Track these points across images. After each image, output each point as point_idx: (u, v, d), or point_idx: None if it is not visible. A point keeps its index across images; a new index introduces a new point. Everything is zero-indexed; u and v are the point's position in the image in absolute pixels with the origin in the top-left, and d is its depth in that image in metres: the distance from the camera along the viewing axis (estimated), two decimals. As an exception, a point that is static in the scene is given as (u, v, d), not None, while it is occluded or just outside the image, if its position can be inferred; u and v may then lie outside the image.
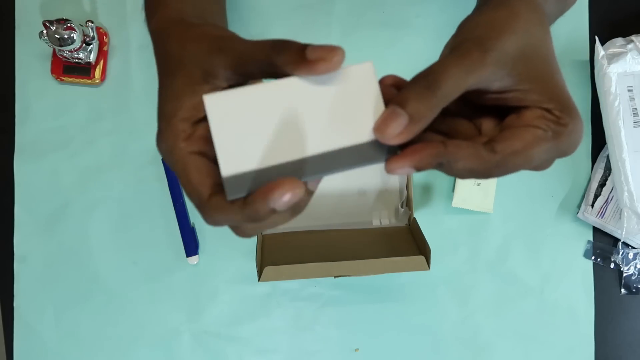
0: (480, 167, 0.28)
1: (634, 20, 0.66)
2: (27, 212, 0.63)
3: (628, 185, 0.60)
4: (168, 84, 0.32)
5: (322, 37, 0.65)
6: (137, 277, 0.63)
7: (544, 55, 0.30)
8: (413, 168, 0.29)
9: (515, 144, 0.28)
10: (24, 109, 0.63)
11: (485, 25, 0.30)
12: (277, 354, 0.63)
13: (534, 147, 0.28)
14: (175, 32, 0.33)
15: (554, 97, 0.29)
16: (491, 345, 0.64)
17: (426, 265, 0.52)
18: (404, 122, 0.28)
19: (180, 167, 0.31)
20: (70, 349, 0.63)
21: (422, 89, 0.28)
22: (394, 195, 0.63)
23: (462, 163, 0.28)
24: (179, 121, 0.31)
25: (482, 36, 0.29)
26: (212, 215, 0.30)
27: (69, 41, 0.57)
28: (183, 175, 0.31)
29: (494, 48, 0.29)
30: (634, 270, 0.65)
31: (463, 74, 0.28)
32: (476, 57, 0.29)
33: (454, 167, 0.29)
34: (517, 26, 0.30)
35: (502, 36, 0.29)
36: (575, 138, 0.29)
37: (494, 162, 0.28)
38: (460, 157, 0.28)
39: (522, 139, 0.28)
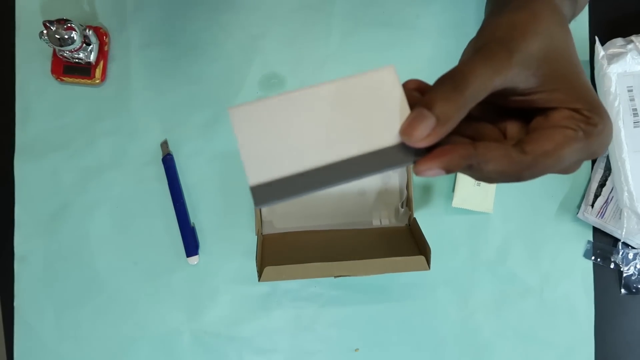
0: (511, 169, 0.28)
1: (633, 20, 0.66)
2: (28, 212, 0.63)
3: (628, 186, 0.60)
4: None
5: (322, 37, 0.65)
6: (137, 277, 0.63)
7: (567, 56, 0.30)
8: (443, 170, 0.28)
9: (546, 145, 0.28)
10: (24, 109, 0.63)
11: (508, 27, 0.30)
12: (277, 354, 0.63)
13: (564, 148, 0.28)
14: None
15: (581, 97, 0.29)
16: (491, 345, 0.64)
17: (426, 265, 0.52)
18: (432, 124, 0.27)
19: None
20: (71, 349, 0.63)
21: (449, 90, 0.28)
22: (394, 195, 0.63)
23: (492, 165, 0.28)
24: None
25: (506, 37, 0.29)
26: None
27: (69, 41, 0.57)
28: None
29: (518, 49, 0.29)
30: (634, 271, 0.65)
31: (490, 74, 0.28)
32: (502, 57, 0.28)
33: (484, 168, 0.28)
34: (540, 28, 0.29)
35: (525, 37, 0.29)
36: (606, 138, 0.29)
37: (525, 164, 0.28)
38: (491, 158, 0.28)
39: (552, 139, 0.28)
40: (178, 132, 0.64)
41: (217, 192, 0.64)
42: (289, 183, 0.29)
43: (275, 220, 0.62)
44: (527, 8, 0.30)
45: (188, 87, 0.64)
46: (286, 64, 0.64)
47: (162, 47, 0.64)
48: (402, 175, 0.63)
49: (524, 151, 0.28)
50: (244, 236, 0.63)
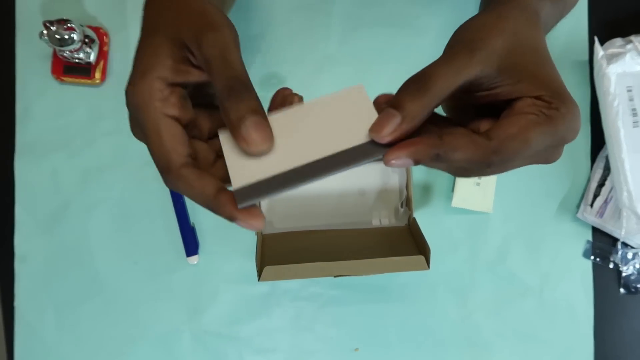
0: (478, 155, 0.29)
1: (633, 20, 0.66)
2: (28, 212, 0.63)
3: (627, 185, 0.60)
4: (150, 40, 0.32)
5: (322, 37, 0.65)
6: (137, 277, 0.63)
7: (532, 50, 0.32)
8: (411, 159, 0.29)
9: (510, 129, 0.29)
10: (25, 109, 0.63)
11: (475, 28, 0.32)
12: (277, 354, 0.64)
13: (529, 131, 0.29)
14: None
15: (543, 85, 0.30)
16: (491, 345, 0.64)
17: (426, 265, 0.52)
18: (397, 121, 0.29)
19: (152, 127, 0.31)
20: (71, 349, 0.63)
21: (414, 90, 0.30)
22: (394, 195, 0.63)
23: (459, 153, 0.29)
24: (155, 78, 0.31)
25: (471, 38, 0.32)
26: (177, 184, 0.30)
27: (69, 41, 0.57)
28: (154, 136, 0.31)
29: (481, 47, 0.31)
30: (633, 270, 0.65)
31: (452, 73, 0.30)
32: (463, 56, 0.30)
33: (451, 157, 0.29)
34: (505, 26, 0.31)
35: (489, 36, 0.31)
36: (572, 122, 0.30)
37: (491, 148, 0.29)
38: (457, 146, 0.29)
39: (516, 124, 0.29)
40: (178, 132, 0.64)
41: (217, 192, 0.64)
42: (269, 182, 0.30)
43: (276, 220, 0.62)
44: (496, 10, 0.33)
45: (188, 87, 0.64)
46: (286, 64, 0.64)
47: (162, 47, 0.64)
48: (402, 175, 0.63)
49: (489, 137, 0.29)
50: (244, 236, 0.63)
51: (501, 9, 0.33)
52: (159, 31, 0.32)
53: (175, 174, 0.30)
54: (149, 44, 0.32)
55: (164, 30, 0.32)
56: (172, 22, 0.32)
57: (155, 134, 0.31)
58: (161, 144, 0.30)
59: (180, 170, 0.30)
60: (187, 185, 0.30)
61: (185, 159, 0.31)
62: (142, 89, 0.31)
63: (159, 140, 0.31)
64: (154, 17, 0.33)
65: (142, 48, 0.32)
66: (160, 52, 0.31)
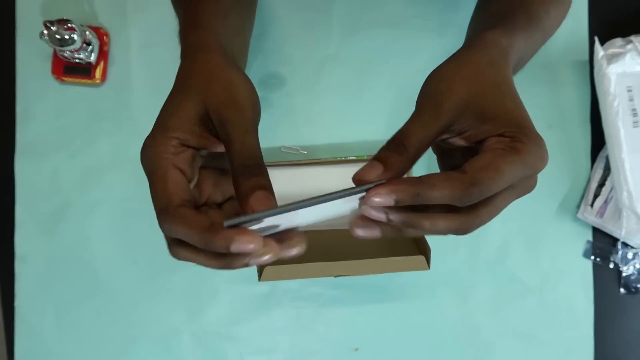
0: (455, 190, 0.30)
1: (633, 20, 0.66)
2: (28, 212, 0.63)
3: (627, 185, 0.60)
4: (181, 100, 0.35)
5: (322, 37, 0.65)
6: (137, 277, 0.63)
7: (494, 88, 0.34)
8: (392, 196, 0.30)
9: (481, 161, 0.31)
10: (25, 109, 0.63)
11: (440, 79, 0.35)
12: (277, 354, 0.64)
13: (498, 161, 0.31)
14: (213, 58, 0.37)
15: (505, 122, 0.33)
16: (491, 345, 0.64)
17: (426, 265, 0.52)
18: (380, 170, 0.32)
19: (160, 173, 0.33)
20: (71, 349, 0.63)
21: (393, 149, 0.33)
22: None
23: (437, 189, 0.30)
24: (174, 137, 0.34)
25: (436, 91, 0.34)
26: (172, 222, 0.32)
27: (69, 41, 0.57)
28: (160, 180, 0.33)
29: (445, 100, 0.33)
30: (633, 270, 0.65)
31: (423, 129, 0.33)
32: (431, 111, 0.34)
33: (430, 195, 0.30)
34: (467, 73, 0.34)
35: (451, 87, 0.34)
36: (538, 153, 0.32)
37: (467, 181, 0.30)
38: (434, 183, 0.30)
39: (485, 157, 0.31)
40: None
41: (217, 192, 0.64)
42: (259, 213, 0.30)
43: (275, 220, 0.62)
44: (461, 56, 0.36)
45: (188, 87, 0.64)
46: (286, 64, 0.65)
47: (162, 47, 0.64)
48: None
49: (464, 171, 0.31)
50: (244, 236, 0.63)
51: (466, 53, 0.36)
52: (188, 94, 0.35)
53: (173, 212, 0.32)
54: (177, 103, 0.35)
55: (193, 95, 0.35)
56: (200, 88, 0.35)
57: (161, 177, 0.33)
58: (165, 187, 0.33)
59: (178, 208, 0.32)
60: (183, 220, 0.31)
61: (184, 202, 0.33)
62: (160, 142, 0.34)
63: (164, 183, 0.33)
64: (186, 77, 0.36)
65: (171, 104, 0.35)
66: (185, 115, 0.34)
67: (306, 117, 0.64)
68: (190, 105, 0.34)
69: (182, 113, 0.34)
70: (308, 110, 0.65)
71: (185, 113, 0.34)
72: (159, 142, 0.34)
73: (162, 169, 0.34)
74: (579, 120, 0.66)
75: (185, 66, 0.37)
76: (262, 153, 0.34)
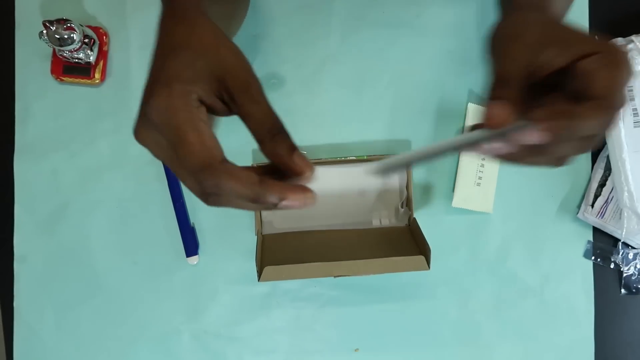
0: (602, 114, 0.31)
1: (634, 20, 0.66)
2: (27, 212, 0.63)
3: (628, 185, 0.60)
4: (191, 56, 0.32)
5: (322, 37, 0.65)
6: (137, 277, 0.63)
7: (559, 27, 0.35)
8: (548, 135, 0.31)
9: (600, 81, 0.32)
10: (24, 109, 0.63)
11: (511, 26, 0.37)
12: (277, 354, 0.63)
13: (614, 77, 0.32)
14: (209, 23, 0.34)
15: (588, 44, 0.33)
16: (491, 345, 0.64)
17: (426, 265, 0.52)
18: (508, 109, 0.32)
19: (192, 127, 0.30)
20: (70, 349, 0.63)
21: (496, 86, 0.34)
22: (394, 195, 0.63)
23: (588, 120, 0.31)
24: (193, 91, 0.31)
25: (511, 34, 0.36)
26: (221, 178, 0.30)
27: (68, 41, 0.57)
28: (194, 134, 0.30)
29: (524, 39, 0.35)
30: (634, 271, 0.65)
31: (516, 69, 0.34)
32: (514, 53, 0.35)
33: (582, 127, 0.31)
34: (530, 20, 0.36)
35: (524, 29, 0.35)
36: (626, 60, 0.33)
37: (606, 104, 0.31)
38: (581, 114, 0.31)
39: (600, 77, 0.32)
40: (178, 132, 0.64)
41: (217, 192, 0.64)
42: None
43: (275, 220, 0.62)
44: (510, 15, 0.38)
45: (188, 87, 0.64)
46: (286, 64, 0.64)
47: (162, 47, 0.64)
48: (402, 176, 0.63)
49: (591, 96, 0.32)
50: (244, 236, 0.63)
51: (514, 14, 0.37)
52: (198, 52, 0.32)
53: (221, 167, 0.30)
54: (188, 58, 0.32)
55: (204, 54, 0.32)
56: (210, 48, 0.32)
57: (195, 132, 0.30)
58: (203, 142, 0.30)
59: (225, 163, 0.30)
60: (233, 176, 0.30)
61: (224, 157, 0.31)
62: (179, 94, 0.30)
63: (200, 137, 0.30)
64: (189, 34, 0.33)
65: (178, 57, 0.32)
66: (201, 71, 0.31)
67: (306, 117, 0.64)
68: (203, 63, 0.31)
69: (197, 67, 0.31)
70: (308, 110, 0.64)
71: (201, 69, 0.31)
72: (178, 93, 0.30)
73: (192, 123, 0.30)
74: (579, 120, 0.66)
75: (180, 26, 0.33)
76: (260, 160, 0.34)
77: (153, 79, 0.32)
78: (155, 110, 0.31)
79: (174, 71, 0.31)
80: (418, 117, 0.65)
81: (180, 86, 0.31)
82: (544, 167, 0.35)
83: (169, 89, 0.31)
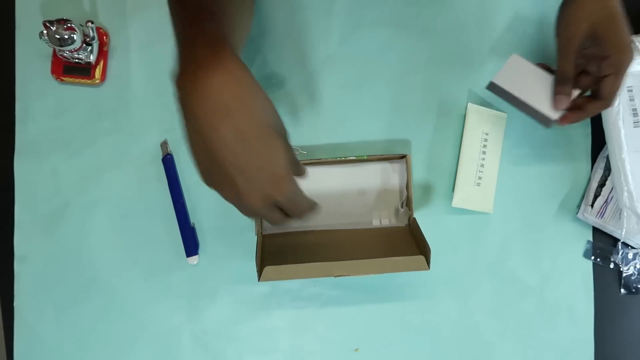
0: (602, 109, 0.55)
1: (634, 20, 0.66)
2: (27, 212, 0.63)
3: (628, 185, 0.60)
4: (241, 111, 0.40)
5: (322, 37, 0.65)
6: (137, 277, 0.63)
7: (601, 22, 0.52)
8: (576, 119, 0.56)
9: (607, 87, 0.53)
10: (24, 109, 0.63)
11: (568, 22, 0.54)
12: (277, 354, 0.63)
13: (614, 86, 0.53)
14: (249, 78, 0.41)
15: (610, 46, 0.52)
16: (491, 345, 0.64)
17: (426, 265, 0.52)
18: (568, 100, 0.56)
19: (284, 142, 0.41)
20: (71, 349, 0.63)
21: (566, 87, 0.55)
22: (394, 195, 0.63)
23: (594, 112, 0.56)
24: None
25: (568, 32, 0.53)
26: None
27: (69, 41, 0.57)
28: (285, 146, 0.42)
29: (574, 37, 0.53)
30: (634, 270, 0.65)
31: (568, 65, 0.54)
32: (567, 50, 0.54)
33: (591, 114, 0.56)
34: (583, 14, 0.52)
35: (575, 26, 0.53)
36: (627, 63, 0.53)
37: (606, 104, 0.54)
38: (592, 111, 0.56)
39: (607, 84, 0.53)
40: (178, 132, 0.64)
41: (217, 192, 0.64)
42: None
43: (275, 220, 0.62)
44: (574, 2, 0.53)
45: (188, 87, 0.64)
46: (286, 64, 0.64)
47: (162, 47, 0.64)
48: (402, 175, 0.63)
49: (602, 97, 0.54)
50: (244, 236, 0.63)
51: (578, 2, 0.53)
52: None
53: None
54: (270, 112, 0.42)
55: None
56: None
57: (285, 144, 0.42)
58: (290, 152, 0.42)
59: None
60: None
61: None
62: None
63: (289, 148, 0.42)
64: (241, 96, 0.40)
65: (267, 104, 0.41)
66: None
67: (306, 117, 0.64)
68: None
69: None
70: (308, 110, 0.64)
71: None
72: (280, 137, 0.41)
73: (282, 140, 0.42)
74: (579, 120, 0.66)
75: (230, 85, 0.40)
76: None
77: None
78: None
79: (275, 120, 0.42)
80: (418, 117, 0.65)
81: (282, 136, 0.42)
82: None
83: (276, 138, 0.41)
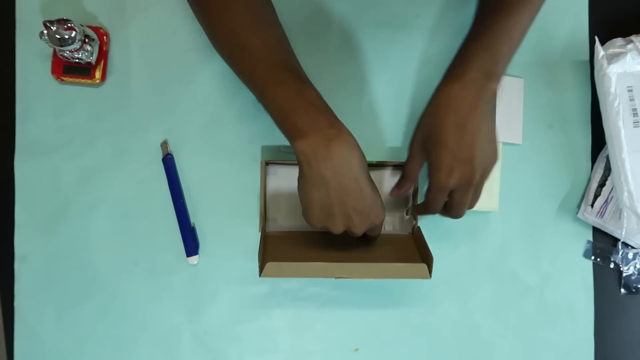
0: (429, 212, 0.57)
1: (633, 20, 0.66)
2: (28, 212, 0.63)
3: (628, 185, 0.60)
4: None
5: (322, 37, 0.65)
6: (137, 277, 0.63)
7: (436, 134, 0.52)
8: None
9: (429, 194, 0.55)
10: (25, 109, 0.63)
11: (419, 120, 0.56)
12: (277, 354, 0.63)
13: (430, 193, 0.55)
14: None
15: (431, 153, 0.53)
16: (491, 345, 0.64)
17: (428, 274, 0.52)
18: (404, 190, 0.60)
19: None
20: (71, 349, 0.63)
21: (406, 183, 0.59)
22: (400, 203, 0.63)
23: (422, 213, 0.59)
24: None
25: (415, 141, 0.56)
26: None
27: (69, 41, 0.57)
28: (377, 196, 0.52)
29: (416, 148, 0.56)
30: (634, 270, 0.65)
31: (413, 169, 0.58)
32: (413, 157, 0.57)
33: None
34: (422, 122, 0.55)
35: (417, 128, 0.56)
36: (443, 172, 0.52)
37: (429, 210, 0.56)
38: (421, 212, 0.59)
39: (430, 190, 0.55)
40: (178, 132, 0.64)
41: (217, 192, 0.64)
42: None
43: (280, 217, 0.62)
44: (431, 104, 0.54)
45: (188, 87, 0.64)
46: (286, 64, 0.64)
47: (162, 47, 0.64)
48: None
49: (426, 203, 0.56)
50: (244, 236, 0.63)
51: (433, 102, 0.53)
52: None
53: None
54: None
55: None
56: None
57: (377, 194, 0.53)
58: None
59: None
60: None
61: None
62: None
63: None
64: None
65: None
66: None
67: (306, 117, 0.64)
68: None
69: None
70: (308, 110, 0.64)
71: None
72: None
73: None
74: (579, 120, 0.66)
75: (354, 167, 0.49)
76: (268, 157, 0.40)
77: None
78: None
79: (377, 197, 0.53)
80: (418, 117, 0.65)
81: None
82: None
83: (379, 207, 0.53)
